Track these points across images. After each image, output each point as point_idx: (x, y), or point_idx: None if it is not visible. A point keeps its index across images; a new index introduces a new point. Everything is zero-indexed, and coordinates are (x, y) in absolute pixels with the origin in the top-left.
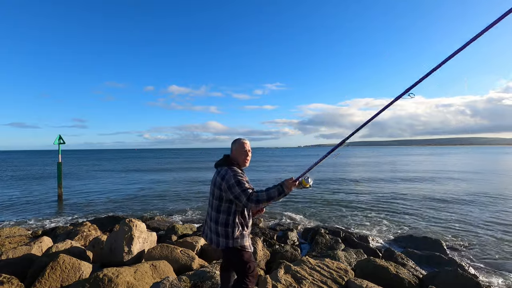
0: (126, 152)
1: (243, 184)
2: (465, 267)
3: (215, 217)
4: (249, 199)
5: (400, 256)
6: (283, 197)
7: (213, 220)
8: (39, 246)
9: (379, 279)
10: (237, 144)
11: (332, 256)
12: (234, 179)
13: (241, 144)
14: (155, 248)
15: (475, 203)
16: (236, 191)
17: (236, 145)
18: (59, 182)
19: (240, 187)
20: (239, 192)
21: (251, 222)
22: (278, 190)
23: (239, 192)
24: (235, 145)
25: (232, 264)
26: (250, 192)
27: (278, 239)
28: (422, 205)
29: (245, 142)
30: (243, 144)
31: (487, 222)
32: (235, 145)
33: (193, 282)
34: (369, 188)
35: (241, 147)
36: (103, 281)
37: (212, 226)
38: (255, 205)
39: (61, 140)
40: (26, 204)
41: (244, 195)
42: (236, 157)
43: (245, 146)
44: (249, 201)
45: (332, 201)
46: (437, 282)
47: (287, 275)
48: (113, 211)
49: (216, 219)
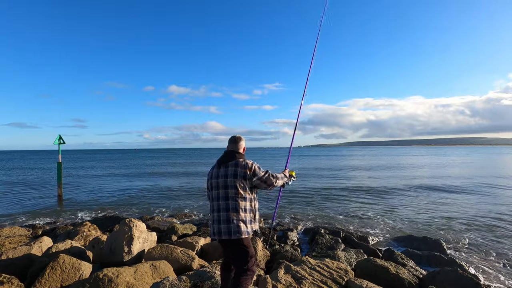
0: (126, 152)
1: (266, 169)
2: (465, 267)
3: (229, 206)
4: (274, 176)
5: (400, 256)
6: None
7: (226, 209)
8: (39, 246)
9: (379, 279)
10: (243, 141)
11: (332, 256)
12: (256, 165)
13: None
14: (155, 248)
15: (476, 203)
16: (262, 175)
17: (243, 141)
18: (59, 182)
19: (263, 172)
20: (265, 175)
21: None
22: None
23: (266, 175)
24: (243, 142)
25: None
26: (272, 174)
27: (278, 239)
28: (422, 205)
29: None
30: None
31: (487, 222)
32: (243, 141)
33: (193, 282)
34: (369, 188)
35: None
36: (103, 281)
37: (224, 216)
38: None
39: (61, 140)
40: (26, 204)
41: (272, 177)
42: (244, 152)
43: (242, 142)
44: (275, 178)
45: (332, 201)
46: (437, 282)
47: (287, 275)
48: (113, 211)
49: (231, 207)
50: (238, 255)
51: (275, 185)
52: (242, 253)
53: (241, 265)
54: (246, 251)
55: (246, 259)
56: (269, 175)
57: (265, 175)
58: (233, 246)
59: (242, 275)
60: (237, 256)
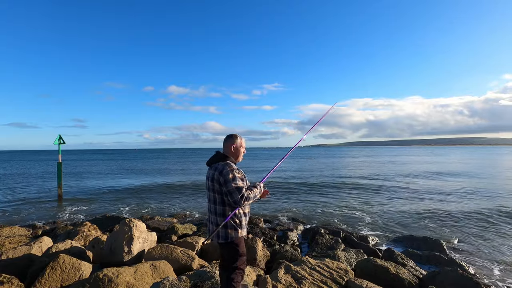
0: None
1: (237, 181)
2: (465, 267)
3: (217, 210)
4: (242, 197)
5: (400, 256)
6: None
7: (215, 213)
8: (39, 246)
9: (379, 279)
10: (237, 140)
11: (332, 256)
12: (230, 174)
13: (241, 140)
14: (155, 248)
15: (476, 203)
16: (230, 187)
17: (234, 140)
18: (59, 182)
19: (234, 183)
20: (232, 188)
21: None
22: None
23: (232, 188)
24: (233, 140)
25: (227, 255)
26: (243, 191)
27: (278, 239)
28: (422, 205)
29: (243, 138)
30: (242, 141)
31: (487, 222)
32: (232, 140)
33: (193, 282)
34: (368, 188)
35: (240, 143)
36: (103, 281)
37: (213, 219)
38: (245, 202)
39: (61, 140)
40: (26, 204)
41: (238, 193)
42: (234, 152)
43: (243, 143)
44: (242, 198)
45: (332, 201)
46: (437, 282)
47: (287, 275)
48: (113, 211)
49: (217, 212)
50: (227, 255)
51: (239, 204)
52: (231, 253)
53: (230, 263)
54: (234, 251)
55: (234, 258)
56: (235, 191)
57: (232, 189)
58: (221, 247)
59: (231, 273)
60: (226, 255)
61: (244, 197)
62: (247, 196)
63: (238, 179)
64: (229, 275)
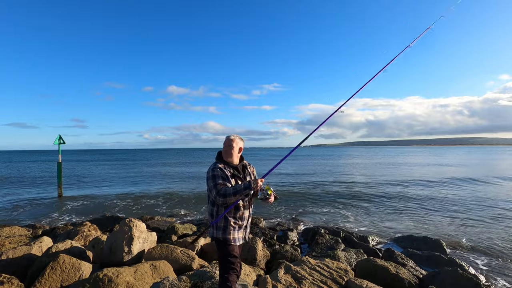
0: (126, 153)
1: (216, 179)
2: (465, 267)
3: (208, 209)
4: (218, 193)
5: (400, 256)
6: (249, 191)
7: (208, 211)
8: (39, 246)
9: (379, 279)
10: (231, 141)
11: (332, 256)
12: (210, 173)
13: (227, 140)
14: (155, 248)
15: (475, 203)
16: (209, 184)
17: (228, 141)
18: (59, 182)
19: (213, 181)
20: (211, 186)
21: (246, 214)
22: (245, 184)
23: (211, 186)
24: (226, 141)
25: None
26: (219, 188)
27: (278, 239)
28: (422, 205)
29: (227, 137)
30: (227, 140)
31: (487, 222)
32: (226, 141)
33: (193, 282)
34: (368, 188)
35: (226, 142)
36: (103, 281)
37: (209, 218)
38: (222, 199)
39: (61, 140)
40: (26, 204)
41: (215, 190)
42: (224, 151)
43: (227, 141)
44: (217, 195)
45: (332, 201)
46: (437, 282)
47: (287, 275)
48: (113, 211)
49: (208, 211)
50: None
51: (219, 202)
52: (220, 252)
53: (219, 262)
54: (222, 251)
55: (222, 258)
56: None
57: (210, 186)
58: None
59: (220, 271)
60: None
61: (220, 193)
62: (224, 192)
63: (217, 177)
64: (219, 273)
